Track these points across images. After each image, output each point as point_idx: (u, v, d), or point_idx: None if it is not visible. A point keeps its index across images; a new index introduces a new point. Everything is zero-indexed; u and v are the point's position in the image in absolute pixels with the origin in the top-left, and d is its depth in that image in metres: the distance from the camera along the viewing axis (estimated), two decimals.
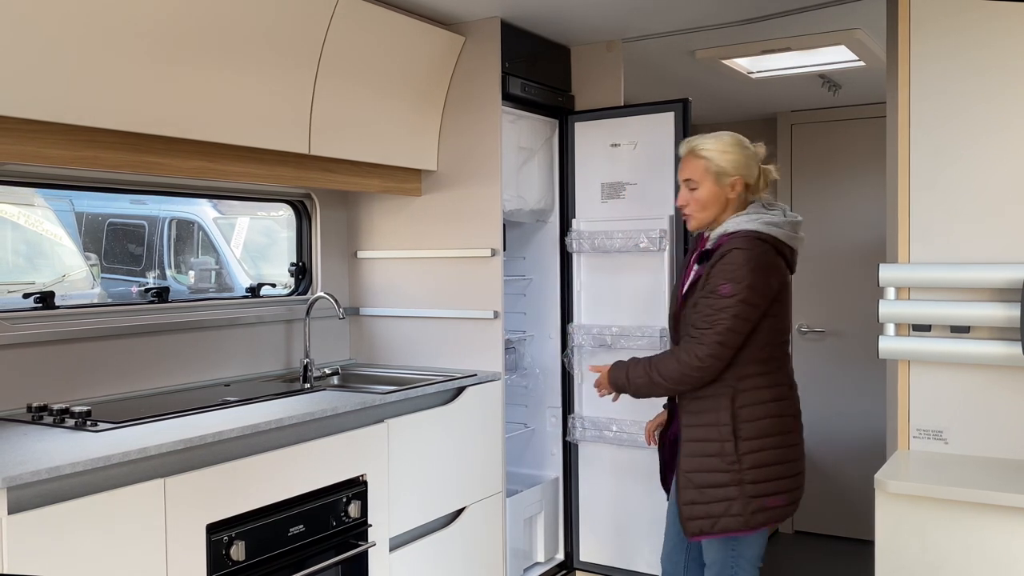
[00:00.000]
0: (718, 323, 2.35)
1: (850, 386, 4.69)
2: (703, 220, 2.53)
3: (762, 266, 2.38)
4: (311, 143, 2.85)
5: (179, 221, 4.38)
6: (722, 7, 3.12)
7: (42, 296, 2.64)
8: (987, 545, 2.06)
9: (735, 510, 2.40)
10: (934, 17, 2.41)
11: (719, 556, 2.51)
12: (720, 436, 2.42)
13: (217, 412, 2.46)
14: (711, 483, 2.42)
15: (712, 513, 2.43)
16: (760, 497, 2.41)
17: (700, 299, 2.41)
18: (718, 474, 2.42)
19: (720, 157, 2.48)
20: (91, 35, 2.19)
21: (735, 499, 2.40)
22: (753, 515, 2.41)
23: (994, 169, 2.35)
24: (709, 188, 2.49)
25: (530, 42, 3.43)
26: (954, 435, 2.40)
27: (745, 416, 2.42)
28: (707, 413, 2.44)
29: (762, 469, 2.41)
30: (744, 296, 2.34)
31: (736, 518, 2.41)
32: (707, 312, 2.38)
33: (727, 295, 2.34)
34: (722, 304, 2.35)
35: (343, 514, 2.56)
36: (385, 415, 2.77)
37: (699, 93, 4.42)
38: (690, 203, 2.53)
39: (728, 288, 2.35)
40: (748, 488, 2.40)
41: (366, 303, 3.61)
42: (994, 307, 2.30)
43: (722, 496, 2.41)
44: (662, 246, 3.34)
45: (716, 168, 2.48)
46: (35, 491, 1.83)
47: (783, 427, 2.46)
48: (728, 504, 2.41)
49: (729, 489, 2.41)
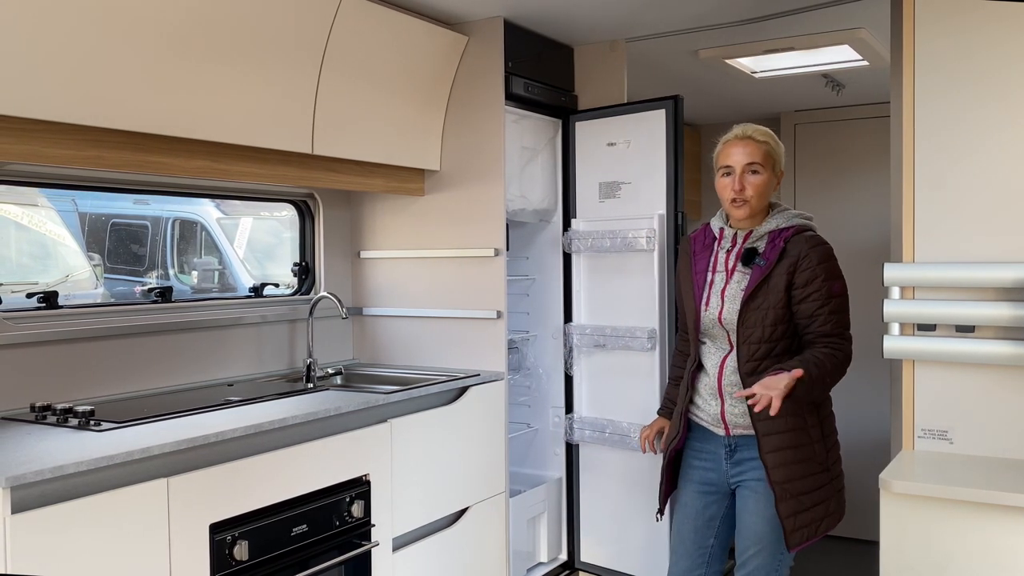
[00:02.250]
0: (847, 323, 2.42)
1: (854, 386, 4.64)
2: (754, 208, 2.43)
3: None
4: (314, 143, 2.85)
5: (182, 221, 4.38)
6: (725, 7, 3.11)
7: (46, 296, 2.64)
8: (992, 545, 2.06)
9: (833, 508, 2.44)
10: (938, 16, 2.41)
11: (770, 563, 2.46)
12: (810, 439, 2.39)
13: (220, 412, 2.46)
14: (810, 488, 2.38)
15: (816, 518, 2.40)
16: (841, 491, 2.49)
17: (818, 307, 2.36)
18: (815, 477, 2.39)
19: (777, 147, 2.49)
20: (95, 35, 2.19)
21: (831, 498, 2.44)
22: (839, 507, 2.48)
23: (999, 168, 2.35)
24: (768, 176, 2.45)
25: (533, 42, 3.42)
26: (959, 435, 2.39)
27: (825, 412, 2.47)
28: (793, 417, 2.35)
29: (838, 463, 2.49)
30: (845, 290, 2.42)
31: (834, 516, 2.45)
32: (834, 318, 2.38)
33: (840, 293, 2.40)
34: (842, 304, 2.40)
35: (346, 514, 2.55)
36: (388, 415, 2.77)
37: (702, 93, 4.42)
38: (749, 188, 2.41)
39: (839, 286, 2.39)
40: (836, 483, 2.46)
41: (369, 303, 3.61)
42: (999, 306, 2.29)
43: (821, 498, 2.41)
44: (650, 246, 3.29)
45: (776, 156, 2.48)
46: (38, 491, 1.83)
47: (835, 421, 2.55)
48: (827, 505, 2.42)
49: (826, 489, 2.42)
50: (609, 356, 3.48)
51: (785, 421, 2.34)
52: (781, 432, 2.36)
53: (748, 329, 2.39)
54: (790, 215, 2.46)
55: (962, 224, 2.39)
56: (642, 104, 3.39)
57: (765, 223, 2.45)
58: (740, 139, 2.47)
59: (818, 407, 2.43)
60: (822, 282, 2.35)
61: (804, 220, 2.47)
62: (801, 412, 2.37)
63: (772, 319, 2.37)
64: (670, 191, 3.32)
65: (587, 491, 3.60)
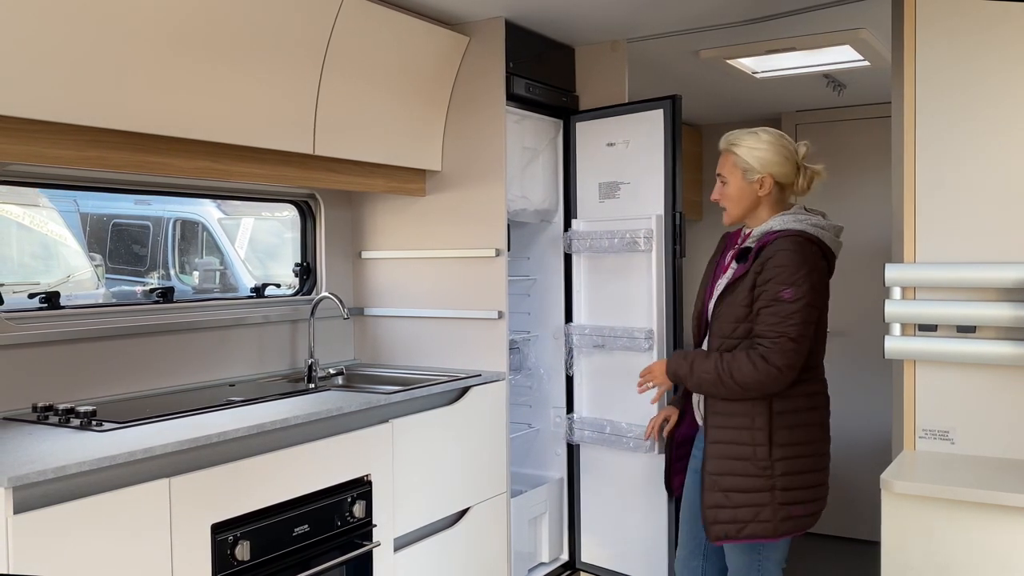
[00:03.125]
0: (789, 330, 2.28)
1: (856, 386, 4.67)
2: (734, 215, 2.51)
3: (813, 267, 2.33)
4: (315, 143, 2.85)
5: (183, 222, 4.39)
6: (726, 7, 3.11)
7: (47, 296, 2.64)
8: (994, 546, 2.06)
9: (764, 516, 2.35)
10: (939, 17, 2.41)
11: (743, 561, 2.45)
12: (753, 440, 2.35)
13: (222, 412, 2.46)
14: (740, 487, 2.36)
15: (739, 518, 2.36)
16: (789, 505, 2.35)
17: (761, 308, 2.32)
18: (748, 479, 2.35)
19: (748, 154, 2.45)
20: (96, 36, 2.19)
21: (765, 505, 2.35)
22: (781, 523, 2.35)
23: (1000, 168, 2.35)
24: (737, 184, 2.47)
25: (534, 42, 3.43)
26: (960, 435, 2.39)
27: (782, 423, 2.35)
28: (740, 416, 2.37)
29: (793, 477, 2.36)
30: (808, 299, 2.29)
31: (764, 524, 2.35)
32: (773, 320, 2.30)
33: (791, 299, 2.28)
34: (789, 310, 2.28)
35: (348, 514, 2.56)
36: (390, 415, 2.77)
37: (703, 93, 4.42)
38: (721, 198, 2.52)
39: (790, 292, 2.28)
40: (779, 495, 2.34)
41: (370, 303, 3.61)
42: (1000, 307, 2.29)
43: (751, 502, 2.35)
44: (648, 247, 3.28)
45: (744, 164, 2.45)
46: (40, 491, 1.83)
47: (815, 435, 2.41)
48: (757, 510, 2.35)
49: (760, 495, 2.35)
50: (608, 356, 3.48)
51: (731, 417, 2.37)
52: (726, 427, 2.39)
53: (717, 322, 2.43)
54: (787, 219, 2.41)
55: (963, 224, 2.39)
56: (640, 104, 3.39)
57: (763, 224, 2.45)
58: (720, 150, 2.54)
59: (773, 413, 2.35)
60: (774, 284, 2.30)
61: (802, 225, 2.39)
62: (751, 413, 2.35)
63: (735, 317, 2.37)
64: (668, 191, 3.31)
65: (588, 491, 3.60)
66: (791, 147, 2.48)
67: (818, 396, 2.44)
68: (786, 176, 2.46)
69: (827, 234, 2.41)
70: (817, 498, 2.42)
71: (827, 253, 2.42)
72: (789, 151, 2.47)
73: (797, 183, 2.48)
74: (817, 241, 2.37)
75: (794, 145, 2.49)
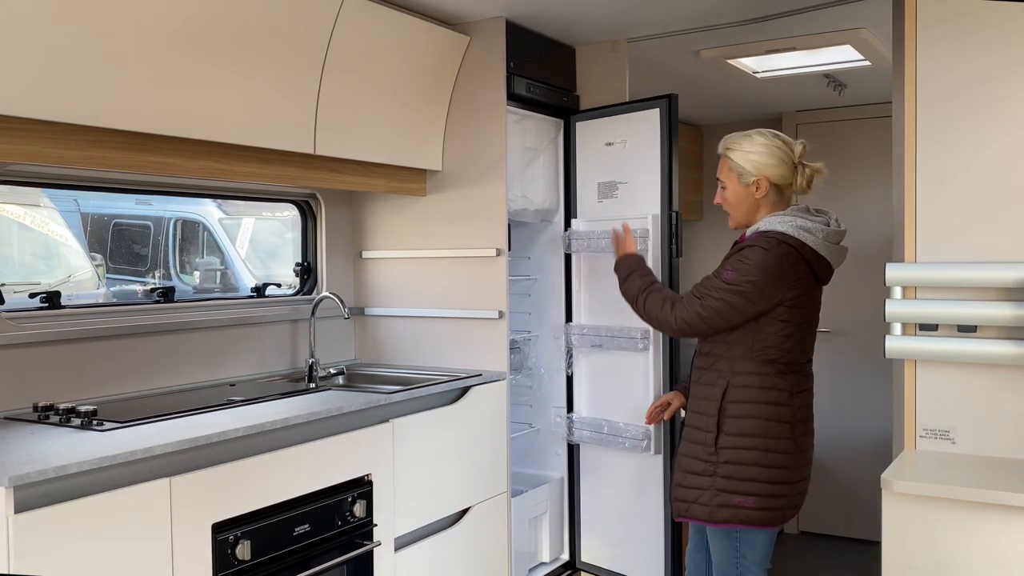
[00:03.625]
0: (707, 298, 2.42)
1: (856, 386, 4.68)
2: (737, 220, 2.56)
3: (776, 269, 2.35)
4: (316, 143, 2.85)
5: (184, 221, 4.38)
6: (727, 7, 3.11)
7: (48, 296, 2.64)
8: (995, 545, 2.06)
9: (703, 500, 2.45)
10: (940, 17, 2.41)
11: (721, 547, 2.50)
12: (706, 426, 2.46)
13: (222, 412, 2.46)
14: (691, 469, 2.49)
15: (686, 498, 2.50)
16: (726, 493, 2.42)
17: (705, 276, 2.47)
18: (697, 461, 2.47)
19: (741, 158, 2.47)
20: (98, 36, 2.20)
21: (705, 489, 2.45)
22: (718, 509, 2.43)
23: (1001, 167, 2.35)
24: (734, 188, 2.52)
25: (535, 42, 3.43)
26: (961, 435, 2.39)
27: (732, 412, 2.43)
28: (703, 401, 2.50)
29: (736, 466, 2.41)
30: (742, 289, 2.36)
31: (702, 507, 2.45)
32: (704, 286, 2.45)
33: (727, 280, 2.39)
34: (718, 285, 2.41)
35: (348, 514, 2.56)
36: (390, 415, 2.77)
37: (704, 93, 4.42)
38: (723, 203, 2.57)
39: (731, 275, 2.39)
40: (719, 482, 2.43)
41: (371, 303, 3.61)
42: (1001, 306, 2.29)
43: (695, 484, 2.47)
44: (643, 246, 3.24)
45: (739, 169, 2.48)
46: (41, 490, 1.83)
47: (771, 431, 2.40)
48: (699, 492, 2.46)
49: (702, 479, 2.46)
50: (607, 356, 3.47)
51: (699, 402, 2.52)
52: (694, 411, 2.54)
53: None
54: (774, 220, 2.41)
55: (964, 224, 2.39)
56: (637, 103, 3.38)
57: (757, 224, 2.48)
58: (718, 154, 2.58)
59: (724, 402, 2.43)
60: (724, 266, 2.43)
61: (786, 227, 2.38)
62: (712, 398, 2.46)
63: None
64: (664, 191, 3.30)
65: (588, 491, 3.60)
66: (786, 147, 2.47)
67: (780, 393, 2.42)
68: (782, 177, 2.46)
69: (814, 238, 2.39)
70: (772, 495, 2.41)
71: (809, 255, 2.39)
72: (784, 152, 2.46)
73: (796, 183, 2.48)
74: (797, 244, 2.37)
75: (790, 145, 2.48)
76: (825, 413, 4.46)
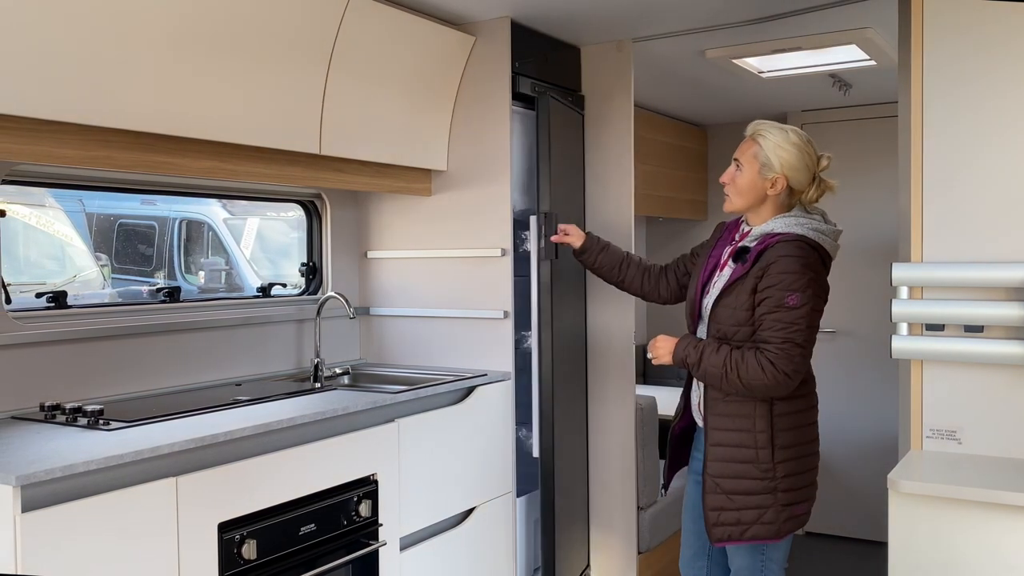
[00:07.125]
0: (795, 336, 2.28)
1: (862, 386, 4.67)
2: (736, 205, 2.47)
3: (817, 272, 2.34)
4: (322, 143, 2.85)
5: (189, 222, 4.40)
6: (732, 6, 3.11)
7: (54, 296, 2.65)
8: (1001, 546, 2.05)
9: (768, 518, 2.35)
10: (946, 16, 2.40)
11: (747, 562, 2.45)
12: (756, 443, 2.35)
13: (228, 411, 2.47)
14: (743, 490, 2.36)
15: (743, 520, 2.37)
16: (791, 505, 2.37)
17: (765, 314, 2.31)
18: (751, 481, 2.36)
19: (771, 149, 2.40)
20: (103, 35, 2.20)
21: (769, 507, 2.35)
22: (785, 523, 2.37)
23: (1007, 167, 2.34)
24: (750, 175, 2.43)
25: (540, 42, 3.42)
26: (968, 435, 2.39)
27: (783, 424, 2.36)
28: (742, 418, 2.36)
29: (795, 478, 2.37)
30: (813, 303, 2.30)
31: (768, 526, 2.36)
32: (779, 326, 2.29)
33: (796, 305, 2.28)
34: (794, 316, 2.28)
35: (354, 513, 2.56)
36: (396, 415, 2.77)
37: (710, 93, 4.42)
38: (730, 183, 2.47)
39: (796, 299, 2.28)
40: (781, 496, 2.35)
41: (376, 303, 3.61)
42: (1008, 306, 2.29)
43: (754, 504, 2.36)
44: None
45: (763, 158, 2.41)
46: (48, 489, 1.83)
47: (812, 435, 2.44)
48: (760, 512, 2.36)
49: (763, 497, 2.35)
50: None
51: (733, 419, 2.37)
52: (728, 429, 2.38)
53: (716, 324, 2.41)
54: (789, 222, 2.38)
55: (970, 224, 2.38)
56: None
57: (764, 225, 2.42)
58: (746, 135, 2.49)
59: (774, 416, 2.35)
60: (777, 290, 2.29)
61: (804, 229, 2.36)
62: (752, 415, 2.35)
63: (735, 320, 2.36)
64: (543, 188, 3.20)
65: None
66: (814, 156, 2.44)
67: (812, 396, 2.46)
68: (800, 184, 2.43)
69: (827, 239, 2.39)
70: (813, 496, 2.46)
71: (825, 258, 2.40)
72: (811, 160, 2.43)
73: (808, 192, 2.44)
74: (817, 246, 2.36)
75: (817, 156, 2.44)
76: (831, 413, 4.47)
